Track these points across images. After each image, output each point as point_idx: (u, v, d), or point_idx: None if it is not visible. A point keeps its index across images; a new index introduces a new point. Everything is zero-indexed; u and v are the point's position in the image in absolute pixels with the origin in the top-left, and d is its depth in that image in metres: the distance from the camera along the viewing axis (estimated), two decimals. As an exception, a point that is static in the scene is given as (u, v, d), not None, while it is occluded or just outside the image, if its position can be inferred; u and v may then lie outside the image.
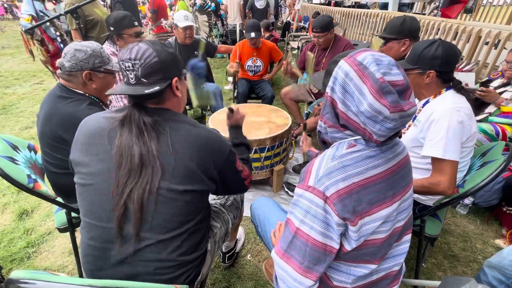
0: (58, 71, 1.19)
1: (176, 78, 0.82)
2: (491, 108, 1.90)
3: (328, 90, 0.70)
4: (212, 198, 1.22)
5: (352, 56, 0.65)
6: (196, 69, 1.94)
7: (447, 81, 1.18)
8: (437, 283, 0.83)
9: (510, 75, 1.89)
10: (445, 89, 1.18)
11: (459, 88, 1.17)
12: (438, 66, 1.12)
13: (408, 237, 0.80)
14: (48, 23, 2.64)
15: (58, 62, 1.18)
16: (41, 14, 2.73)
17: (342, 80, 0.65)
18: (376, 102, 0.60)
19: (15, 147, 1.23)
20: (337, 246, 0.66)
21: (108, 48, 1.94)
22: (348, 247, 0.68)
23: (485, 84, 2.08)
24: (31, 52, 2.79)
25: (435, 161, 1.10)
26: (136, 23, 1.91)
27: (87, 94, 1.21)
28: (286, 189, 2.12)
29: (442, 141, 1.06)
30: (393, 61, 0.64)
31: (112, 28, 1.85)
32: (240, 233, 1.66)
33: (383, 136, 0.64)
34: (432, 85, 1.18)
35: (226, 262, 1.49)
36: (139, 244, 0.73)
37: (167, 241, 0.75)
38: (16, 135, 2.45)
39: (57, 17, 2.14)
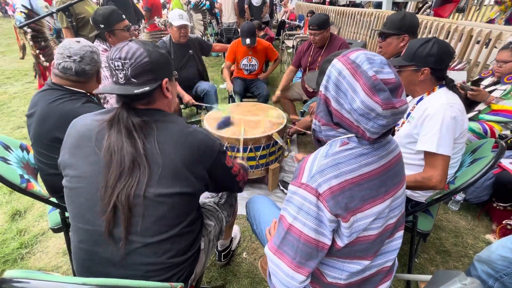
0: (65, 74, 1.15)
1: (166, 79, 0.81)
2: (481, 106, 1.94)
3: (322, 88, 0.71)
4: (205, 197, 1.22)
5: (345, 55, 0.66)
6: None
7: (440, 78, 1.20)
8: (428, 277, 0.85)
9: (499, 74, 1.92)
10: (438, 86, 1.20)
11: (452, 85, 1.20)
12: (433, 64, 1.14)
13: (400, 233, 0.82)
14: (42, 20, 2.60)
15: (64, 65, 1.13)
16: (37, 8, 2.69)
17: (336, 78, 0.66)
18: (368, 99, 0.61)
19: (7, 147, 1.21)
20: (329, 243, 0.67)
21: (99, 46, 1.91)
22: (340, 243, 0.69)
23: (476, 82, 2.11)
24: (22, 47, 2.74)
25: (428, 155, 1.13)
26: (124, 16, 1.86)
27: (88, 93, 1.22)
28: (281, 188, 2.13)
29: (436, 135, 1.08)
30: (384, 60, 0.65)
31: (102, 26, 1.80)
32: (236, 231, 1.67)
33: (376, 133, 0.65)
34: (426, 82, 1.20)
35: (222, 260, 1.50)
36: (128, 247, 0.72)
37: (157, 244, 0.74)
38: (8, 135, 2.42)
39: (50, 15, 2.11)
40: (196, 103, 2.60)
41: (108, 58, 0.75)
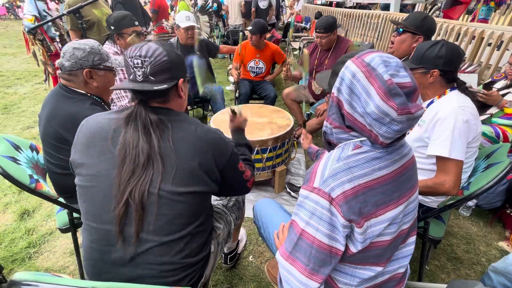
0: (58, 71, 1.18)
1: (182, 79, 0.82)
2: (493, 109, 1.90)
3: (334, 90, 0.69)
4: (214, 199, 1.21)
5: (360, 57, 0.64)
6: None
7: (451, 81, 1.18)
8: (443, 286, 0.82)
9: (513, 77, 1.88)
10: (449, 89, 1.18)
11: (464, 88, 1.17)
12: (442, 65, 1.12)
13: (413, 238, 0.80)
14: (49, 23, 2.64)
15: (57, 62, 1.17)
16: (44, 14, 2.73)
17: (349, 81, 0.65)
18: (384, 104, 0.59)
19: (17, 147, 1.22)
20: (342, 248, 0.66)
21: (110, 48, 1.94)
22: (353, 249, 0.67)
23: (488, 85, 2.07)
24: (33, 54, 2.78)
25: (440, 160, 1.10)
26: (136, 23, 1.93)
27: (89, 94, 1.21)
28: (288, 190, 2.11)
29: (448, 140, 1.06)
30: (400, 63, 0.64)
31: (112, 28, 1.87)
32: (242, 234, 1.65)
33: (389, 138, 0.64)
34: (436, 84, 1.17)
35: (228, 263, 1.49)
36: (142, 247, 0.72)
37: (171, 243, 0.74)
38: (18, 135, 2.45)
39: (60, 17, 2.14)
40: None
41: (127, 56, 0.76)
